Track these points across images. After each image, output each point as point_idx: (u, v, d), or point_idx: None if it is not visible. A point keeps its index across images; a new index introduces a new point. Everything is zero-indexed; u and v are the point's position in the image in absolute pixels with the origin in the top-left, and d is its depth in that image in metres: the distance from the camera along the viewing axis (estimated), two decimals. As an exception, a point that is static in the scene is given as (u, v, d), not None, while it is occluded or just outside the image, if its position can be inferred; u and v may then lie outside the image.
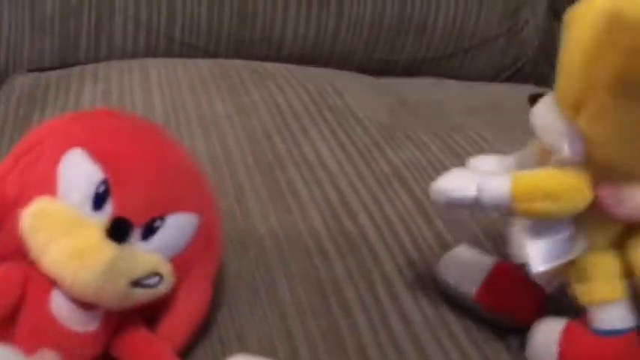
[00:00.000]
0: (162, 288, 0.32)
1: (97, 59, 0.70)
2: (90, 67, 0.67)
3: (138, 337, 0.33)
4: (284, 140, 0.55)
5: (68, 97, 0.60)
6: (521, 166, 0.36)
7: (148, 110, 0.57)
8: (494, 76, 0.83)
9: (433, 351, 0.37)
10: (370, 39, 0.75)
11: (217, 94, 0.61)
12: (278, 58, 0.73)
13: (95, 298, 0.30)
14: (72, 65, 0.69)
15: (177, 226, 0.32)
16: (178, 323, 0.34)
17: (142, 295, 0.31)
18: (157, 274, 0.31)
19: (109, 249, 0.29)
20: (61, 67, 0.68)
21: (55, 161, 0.31)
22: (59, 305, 0.30)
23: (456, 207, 0.35)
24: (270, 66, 0.69)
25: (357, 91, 0.67)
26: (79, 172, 0.31)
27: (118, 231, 0.30)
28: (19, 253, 0.30)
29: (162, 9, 0.70)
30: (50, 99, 0.60)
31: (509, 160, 0.39)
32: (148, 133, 0.35)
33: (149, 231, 0.31)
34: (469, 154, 0.57)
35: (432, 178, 0.52)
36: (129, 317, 0.32)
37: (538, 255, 0.31)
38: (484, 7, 0.77)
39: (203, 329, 0.36)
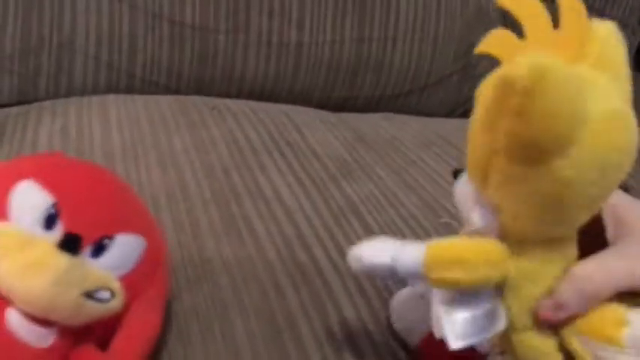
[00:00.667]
0: (114, 304, 0.33)
1: (56, 97, 0.70)
2: (48, 103, 0.67)
3: (92, 356, 0.33)
4: (241, 175, 0.56)
5: (25, 132, 0.60)
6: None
7: (106, 145, 0.58)
8: (450, 112, 0.86)
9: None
10: (329, 77, 0.78)
11: (176, 130, 0.61)
12: (239, 96, 0.75)
13: (48, 310, 0.31)
14: (30, 102, 0.69)
15: (125, 246, 0.34)
16: (130, 345, 0.34)
17: (94, 309, 0.32)
18: (108, 288, 0.32)
19: (60, 259, 0.31)
20: (19, 104, 0.68)
21: (5, 192, 0.32)
22: (14, 321, 0.31)
23: (374, 274, 0.35)
24: (230, 102, 0.70)
25: (315, 126, 0.68)
26: (29, 198, 0.32)
27: (69, 244, 0.31)
28: None
29: (123, 47, 0.71)
30: (7, 134, 0.60)
31: None
32: (92, 166, 0.38)
33: (99, 249, 0.33)
34: (423, 189, 0.60)
35: (387, 212, 0.55)
36: (82, 337, 0.33)
37: (454, 330, 0.30)
38: (438, 48, 0.80)
39: (155, 365, 0.36)
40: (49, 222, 0.32)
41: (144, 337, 0.34)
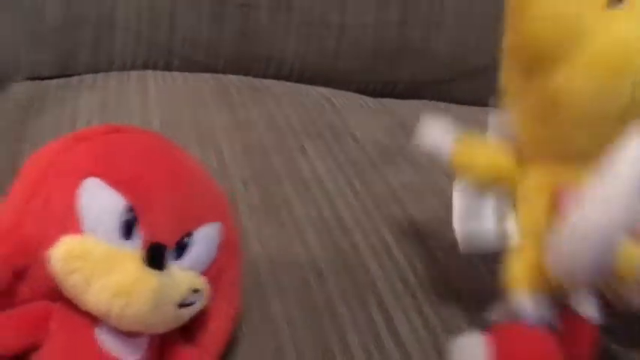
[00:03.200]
0: (203, 302, 0.31)
1: (96, 71, 0.69)
2: (88, 77, 0.66)
3: (183, 355, 0.32)
4: (281, 157, 0.54)
5: (65, 105, 0.60)
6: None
7: (144, 121, 0.57)
8: (494, 102, 0.83)
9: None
10: (370, 61, 0.76)
11: (215, 109, 0.60)
12: (277, 77, 0.73)
13: (145, 329, 0.29)
14: (71, 76, 0.68)
15: (204, 239, 0.32)
16: (216, 334, 0.33)
17: (187, 314, 0.31)
18: (196, 290, 0.30)
19: (151, 279, 0.28)
20: (60, 77, 0.68)
21: (71, 194, 0.29)
22: (106, 339, 0.29)
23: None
24: (269, 83, 0.68)
25: (355, 110, 0.67)
26: (100, 202, 0.29)
27: (155, 257, 0.29)
28: (50, 295, 0.29)
29: (163, 23, 0.70)
30: (47, 107, 0.60)
31: None
32: (158, 148, 0.33)
33: (181, 249, 0.31)
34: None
35: (430, 202, 0.53)
36: (169, 335, 0.31)
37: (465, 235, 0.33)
38: (485, 32, 0.77)
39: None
40: (128, 230, 0.29)
41: (227, 328, 0.33)
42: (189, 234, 0.31)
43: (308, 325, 0.38)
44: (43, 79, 0.68)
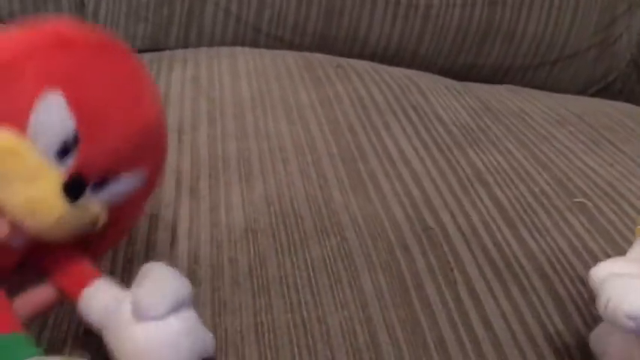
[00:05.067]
0: (99, 227, 0.32)
1: (186, 46, 0.72)
2: (180, 52, 0.69)
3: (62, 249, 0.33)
4: (367, 133, 0.55)
5: (158, 79, 0.62)
6: None
7: (236, 95, 0.58)
8: (582, 90, 0.80)
9: (513, 356, 0.36)
10: (456, 43, 0.74)
11: (302, 85, 0.61)
12: (361, 56, 0.74)
13: (36, 234, 0.30)
14: (162, 50, 0.71)
15: (127, 182, 0.32)
16: (107, 241, 0.34)
17: (83, 232, 0.32)
18: (97, 219, 0.31)
19: (60, 207, 0.29)
20: (152, 51, 0.71)
21: (34, 95, 0.29)
22: None
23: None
24: (353, 62, 0.69)
25: (440, 92, 0.66)
26: (53, 117, 0.29)
27: (73, 189, 0.30)
28: None
29: (252, 1, 0.72)
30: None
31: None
32: (130, 79, 0.32)
33: (100, 185, 0.31)
34: (556, 165, 0.56)
35: (516, 185, 0.52)
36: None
37: None
38: (577, 18, 0.75)
39: (286, 309, 0.36)
40: (64, 153, 0.29)
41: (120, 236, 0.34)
42: (117, 176, 0.31)
43: (396, 299, 0.38)
44: (137, 52, 0.70)
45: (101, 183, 0.31)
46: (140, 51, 0.71)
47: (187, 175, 0.48)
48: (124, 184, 0.32)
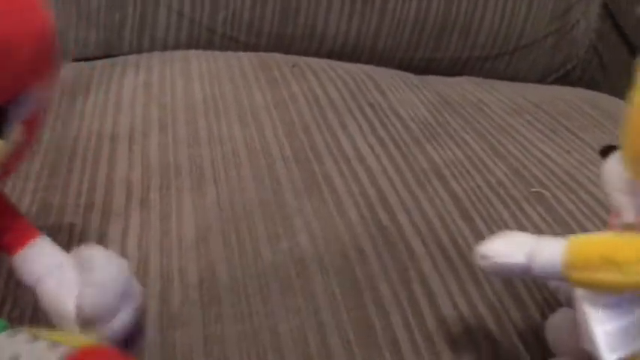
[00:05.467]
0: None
1: (140, 50, 0.70)
2: (132, 57, 0.67)
3: None
4: (322, 133, 0.54)
5: (110, 85, 0.61)
6: None
7: (188, 99, 0.57)
8: (542, 79, 0.80)
9: (468, 350, 0.36)
10: (413, 36, 0.74)
11: (257, 86, 0.60)
12: (319, 54, 0.73)
13: None
14: (116, 56, 0.70)
15: (34, 96, 0.28)
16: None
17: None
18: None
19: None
20: (105, 58, 0.69)
21: None
22: None
23: (503, 273, 0.30)
24: (310, 60, 0.68)
25: (398, 87, 0.66)
26: None
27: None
28: None
29: (205, 3, 0.71)
30: (93, 87, 0.61)
31: None
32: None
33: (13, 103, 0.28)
34: (513, 156, 0.56)
35: (472, 177, 0.52)
36: None
37: (606, 340, 0.26)
38: (533, 7, 0.75)
39: (236, 318, 0.36)
40: None
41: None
42: (26, 92, 0.28)
43: (349, 302, 0.38)
44: (89, 59, 0.69)
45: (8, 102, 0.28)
46: (93, 58, 0.70)
47: (138, 184, 0.47)
48: (33, 98, 0.28)
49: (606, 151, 0.29)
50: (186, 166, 0.48)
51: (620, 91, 0.93)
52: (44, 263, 0.31)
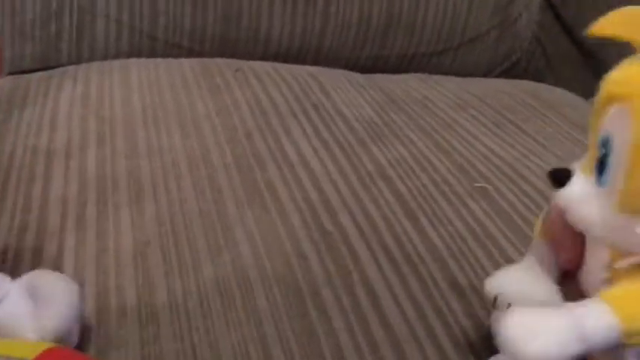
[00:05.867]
0: None
1: (79, 61, 0.69)
2: (70, 68, 0.66)
3: None
4: (265, 139, 0.53)
5: (47, 99, 0.59)
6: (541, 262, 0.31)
7: (126, 110, 0.56)
8: (487, 72, 0.81)
9: (413, 355, 0.35)
10: (358, 36, 0.74)
11: (198, 93, 0.59)
12: (265, 57, 0.72)
13: None
14: (54, 68, 0.67)
15: None
16: None
17: None
18: None
19: None
20: (42, 70, 0.67)
21: None
22: None
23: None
24: (254, 64, 0.67)
25: (343, 88, 0.65)
26: None
27: None
28: None
29: (144, 9, 0.69)
30: (29, 101, 0.59)
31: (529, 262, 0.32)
32: None
33: None
34: (458, 152, 0.56)
35: (417, 175, 0.52)
36: None
37: None
38: (475, 2, 0.75)
39: (175, 336, 0.35)
40: None
41: None
42: None
43: (292, 311, 0.37)
44: (26, 72, 0.67)
45: None
46: (30, 71, 0.68)
47: (74, 201, 0.45)
48: None
49: (561, 178, 0.26)
50: (125, 179, 0.47)
51: (563, 80, 0.96)
52: None
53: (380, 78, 0.71)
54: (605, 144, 0.24)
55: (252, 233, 0.43)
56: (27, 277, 0.32)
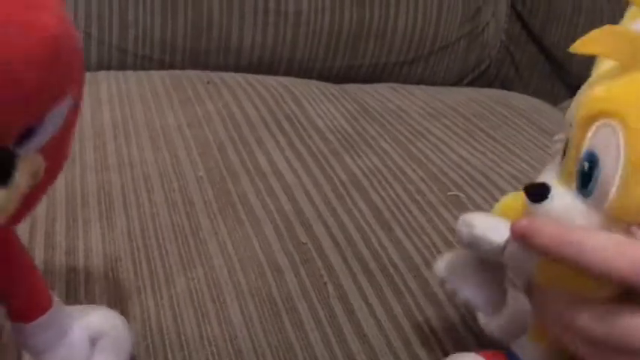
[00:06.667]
0: (37, 181, 0.25)
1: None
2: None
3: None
4: (237, 151, 0.53)
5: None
6: None
7: (96, 124, 0.55)
8: (458, 81, 0.82)
9: (390, 366, 0.35)
10: (330, 46, 0.74)
11: (169, 106, 0.59)
12: (236, 68, 0.72)
13: None
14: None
15: (54, 120, 0.23)
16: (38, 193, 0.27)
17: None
18: (35, 173, 0.24)
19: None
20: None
21: None
22: None
23: (475, 247, 0.30)
24: (225, 75, 0.67)
25: (316, 98, 0.65)
26: None
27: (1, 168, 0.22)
28: None
29: (113, 22, 0.68)
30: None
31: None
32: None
33: (25, 137, 0.23)
34: (431, 161, 0.57)
35: (391, 185, 0.52)
36: None
37: None
38: (443, 11, 0.76)
39: (148, 354, 0.34)
40: None
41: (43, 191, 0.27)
42: (40, 122, 0.23)
43: (267, 325, 0.37)
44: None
45: (26, 135, 0.22)
46: None
47: (42, 218, 0.44)
48: (49, 125, 0.23)
49: (539, 193, 0.26)
50: (94, 194, 0.46)
51: (532, 87, 0.97)
52: (51, 335, 0.30)
53: (352, 88, 0.72)
54: (590, 159, 0.24)
55: (226, 246, 0.42)
56: (94, 317, 0.31)
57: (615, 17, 0.28)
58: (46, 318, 0.29)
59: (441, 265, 0.33)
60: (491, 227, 0.29)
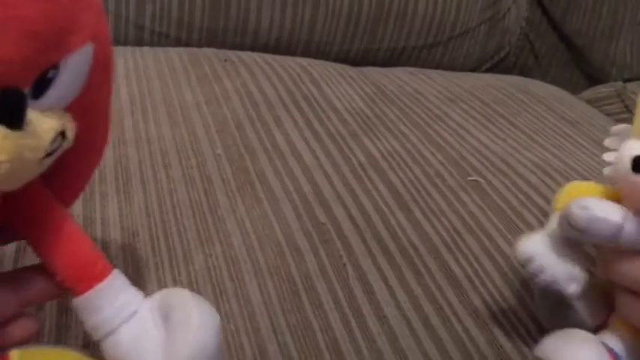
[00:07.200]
0: (68, 142, 0.24)
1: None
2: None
3: (35, 199, 0.26)
4: (256, 130, 0.52)
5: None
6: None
7: (114, 100, 0.54)
8: (476, 67, 0.81)
9: (410, 348, 0.35)
10: (349, 28, 0.73)
11: (187, 83, 0.58)
12: (253, 48, 0.71)
13: (7, 188, 0.23)
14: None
15: (73, 69, 0.23)
16: (78, 173, 0.28)
17: (50, 161, 0.24)
18: (60, 133, 0.23)
19: (7, 144, 0.20)
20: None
21: None
22: None
23: (593, 229, 0.30)
24: (243, 55, 0.66)
25: (334, 80, 0.65)
26: None
27: (10, 112, 0.20)
28: None
29: (131, -3, 0.68)
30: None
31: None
32: None
33: (41, 86, 0.22)
34: (450, 145, 0.56)
35: (410, 168, 0.52)
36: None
37: None
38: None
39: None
40: None
41: (92, 164, 0.27)
42: (54, 66, 0.22)
43: (286, 304, 0.36)
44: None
45: (42, 84, 0.22)
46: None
47: (59, 191, 0.44)
48: (68, 73, 0.22)
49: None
50: (112, 169, 0.46)
51: (551, 75, 0.96)
52: (116, 311, 0.26)
53: (370, 71, 0.71)
54: None
55: (244, 224, 0.42)
56: (160, 295, 0.27)
57: (637, 7, 0.28)
58: (103, 290, 0.26)
59: (527, 244, 0.33)
60: (608, 209, 0.30)
